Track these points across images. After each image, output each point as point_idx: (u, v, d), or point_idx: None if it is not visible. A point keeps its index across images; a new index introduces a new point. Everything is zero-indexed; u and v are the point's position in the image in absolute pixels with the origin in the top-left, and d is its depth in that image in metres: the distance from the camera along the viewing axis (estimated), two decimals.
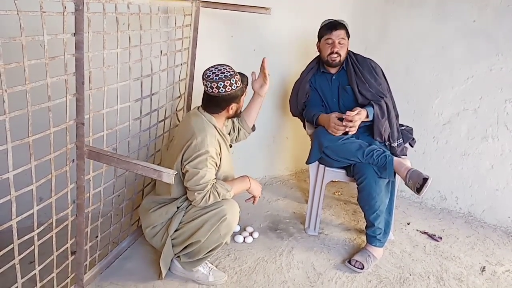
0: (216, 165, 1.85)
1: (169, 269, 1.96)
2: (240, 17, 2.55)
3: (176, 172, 1.43)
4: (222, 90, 1.77)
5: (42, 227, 1.47)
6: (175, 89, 2.35)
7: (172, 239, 1.89)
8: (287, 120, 3.03)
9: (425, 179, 1.97)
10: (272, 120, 3.04)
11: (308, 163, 2.34)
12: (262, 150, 3.08)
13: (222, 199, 1.82)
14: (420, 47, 2.80)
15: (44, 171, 1.45)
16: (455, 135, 2.76)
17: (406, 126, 2.47)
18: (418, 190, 1.98)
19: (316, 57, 2.47)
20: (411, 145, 2.48)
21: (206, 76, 1.79)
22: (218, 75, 1.76)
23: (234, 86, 1.79)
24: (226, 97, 1.80)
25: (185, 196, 1.88)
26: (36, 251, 1.46)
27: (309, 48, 2.42)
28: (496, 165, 2.64)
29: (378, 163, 2.12)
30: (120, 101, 1.79)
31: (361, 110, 2.20)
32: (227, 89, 1.77)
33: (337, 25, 2.29)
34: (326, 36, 2.30)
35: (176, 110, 2.35)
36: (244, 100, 1.97)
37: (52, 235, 1.54)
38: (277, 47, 2.83)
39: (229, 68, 1.80)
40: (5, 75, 1.17)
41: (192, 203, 1.81)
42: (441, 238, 2.50)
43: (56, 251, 1.59)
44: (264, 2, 2.28)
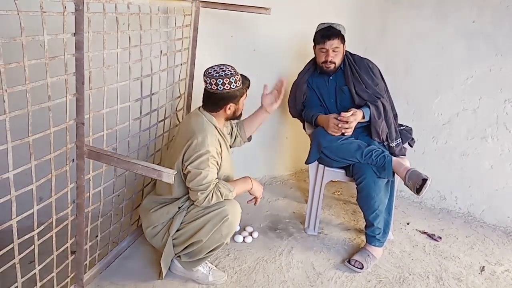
0: (218, 164, 1.86)
1: (169, 269, 1.97)
2: (240, 17, 2.55)
3: (176, 172, 1.43)
4: (221, 88, 1.78)
5: (42, 227, 1.47)
6: (175, 89, 2.35)
7: (173, 239, 1.89)
8: (287, 120, 3.03)
9: (425, 180, 1.97)
10: (272, 120, 3.04)
11: (307, 163, 2.34)
12: (262, 150, 3.08)
13: (225, 199, 1.83)
14: (420, 48, 2.80)
15: (44, 171, 1.46)
16: (455, 135, 2.76)
17: (406, 126, 2.48)
18: (418, 191, 1.98)
19: (313, 58, 2.46)
20: (411, 145, 2.48)
21: (207, 73, 1.80)
22: (219, 72, 1.77)
23: (233, 85, 1.79)
24: (225, 95, 1.81)
25: (187, 196, 1.88)
26: (36, 251, 1.46)
27: (309, 49, 2.43)
28: (496, 165, 2.64)
29: (377, 163, 2.12)
30: (120, 101, 1.79)
31: (356, 111, 2.20)
32: (226, 87, 1.78)
33: (331, 35, 2.25)
34: (320, 46, 2.30)
35: (176, 110, 2.36)
36: (248, 105, 1.96)
37: (52, 235, 1.54)
38: (277, 47, 2.83)
39: (231, 68, 1.81)
40: (6, 75, 1.17)
41: (195, 203, 1.82)
42: (441, 238, 2.50)
43: (56, 251, 1.59)
44: (264, 2, 2.28)
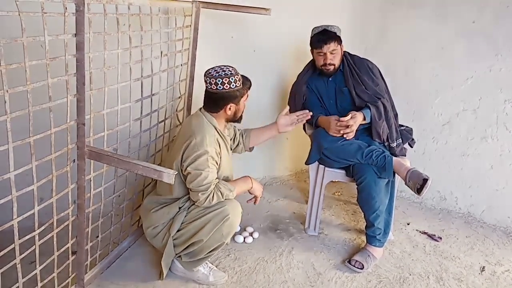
0: (217, 164, 1.86)
1: (170, 269, 1.97)
2: (240, 18, 2.55)
3: (176, 172, 1.44)
4: (220, 87, 1.78)
5: (43, 227, 1.48)
6: (175, 90, 2.36)
7: (174, 239, 1.89)
8: None
9: (425, 180, 1.97)
10: (272, 121, 3.04)
11: (308, 164, 2.34)
12: (262, 150, 3.08)
13: (225, 199, 1.83)
14: (420, 48, 2.80)
15: (45, 171, 1.46)
16: (455, 136, 2.76)
17: (406, 127, 2.47)
18: (419, 191, 1.98)
19: (312, 59, 2.45)
20: (411, 146, 2.48)
21: (208, 73, 1.81)
22: (219, 72, 1.78)
23: (233, 85, 1.79)
24: (225, 95, 1.81)
25: (187, 196, 1.88)
26: (37, 251, 1.47)
27: (309, 49, 2.43)
28: (496, 165, 2.65)
29: (378, 164, 2.12)
30: (121, 102, 1.79)
31: (356, 114, 2.19)
32: (225, 87, 1.78)
33: (327, 39, 2.24)
34: (317, 50, 2.30)
35: (176, 111, 2.36)
36: (250, 108, 1.96)
37: (53, 235, 1.55)
38: (277, 48, 2.83)
39: (232, 68, 1.81)
40: (7, 76, 1.17)
41: (196, 204, 1.82)
42: (441, 238, 2.50)
43: (57, 251, 1.59)
44: (264, 3, 2.28)
